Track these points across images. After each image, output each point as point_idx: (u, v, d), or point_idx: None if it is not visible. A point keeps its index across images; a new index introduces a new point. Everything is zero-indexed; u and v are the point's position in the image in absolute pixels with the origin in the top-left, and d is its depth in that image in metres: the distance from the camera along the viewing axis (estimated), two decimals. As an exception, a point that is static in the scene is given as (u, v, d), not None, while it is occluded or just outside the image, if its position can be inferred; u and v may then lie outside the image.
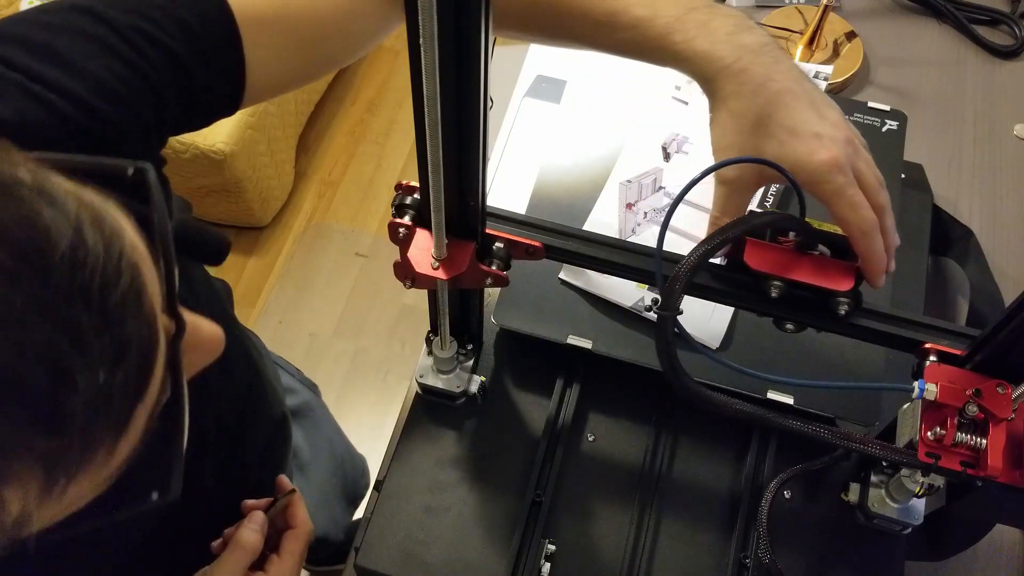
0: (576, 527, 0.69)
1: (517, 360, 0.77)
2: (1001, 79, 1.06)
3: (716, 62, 0.57)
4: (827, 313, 0.56)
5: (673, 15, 0.58)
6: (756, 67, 0.56)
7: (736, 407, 0.55)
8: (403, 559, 0.67)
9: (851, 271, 0.56)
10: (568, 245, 0.59)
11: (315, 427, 1.03)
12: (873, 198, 0.56)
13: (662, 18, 0.58)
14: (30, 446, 0.29)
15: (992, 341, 0.52)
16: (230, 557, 0.63)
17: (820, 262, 0.56)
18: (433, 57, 0.41)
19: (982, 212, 0.95)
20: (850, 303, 0.55)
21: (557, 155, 0.83)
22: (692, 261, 0.53)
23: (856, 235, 0.55)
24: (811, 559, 0.68)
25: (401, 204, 0.57)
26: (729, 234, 0.54)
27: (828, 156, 0.54)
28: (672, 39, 0.58)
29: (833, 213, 0.56)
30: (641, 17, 0.58)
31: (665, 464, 0.72)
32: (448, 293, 0.60)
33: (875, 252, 0.55)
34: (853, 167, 0.56)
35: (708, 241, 0.54)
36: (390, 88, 2.25)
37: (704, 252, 0.53)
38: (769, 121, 0.56)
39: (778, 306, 0.57)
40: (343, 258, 2.02)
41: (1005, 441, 0.52)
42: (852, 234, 0.55)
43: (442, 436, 0.73)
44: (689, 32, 0.58)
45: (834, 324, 0.57)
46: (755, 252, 0.56)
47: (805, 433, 0.55)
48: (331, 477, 0.99)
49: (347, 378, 1.86)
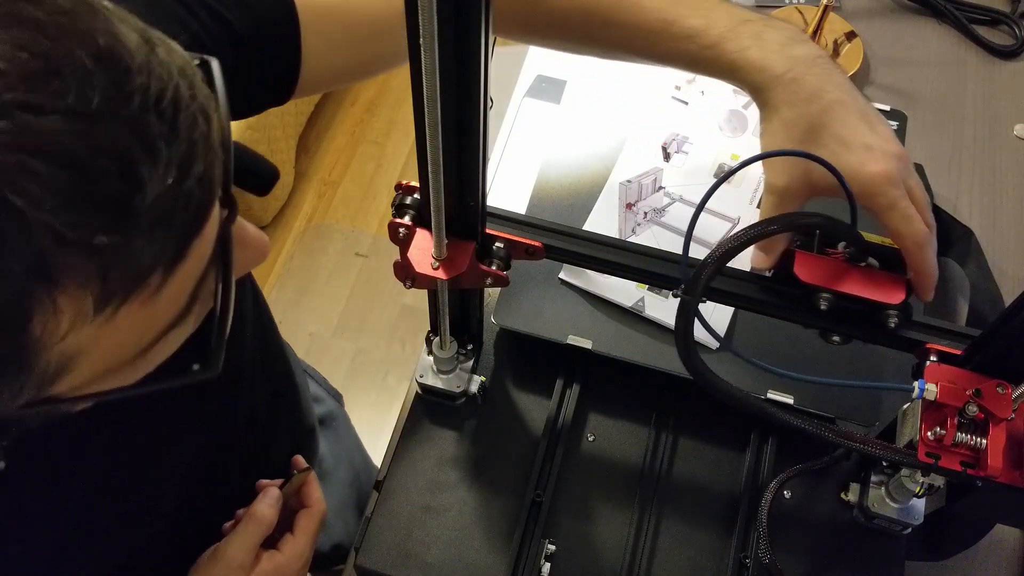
0: (576, 527, 0.69)
1: (517, 360, 0.77)
2: (1001, 79, 1.06)
3: (768, 71, 0.57)
4: (877, 325, 0.55)
5: (727, 26, 0.59)
6: (809, 78, 0.56)
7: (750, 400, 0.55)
8: (403, 559, 0.67)
9: (902, 283, 0.55)
10: (568, 245, 0.59)
11: (337, 437, 1.03)
12: (923, 215, 0.56)
13: (716, 29, 0.59)
14: (91, 242, 0.30)
15: (992, 341, 0.52)
16: (244, 530, 0.63)
17: (870, 274, 0.55)
18: (433, 57, 0.41)
19: (982, 212, 0.95)
20: (900, 316, 0.54)
21: (557, 155, 0.83)
22: (727, 245, 0.51)
23: (910, 247, 0.55)
24: (811, 559, 0.68)
25: (401, 204, 0.57)
26: (770, 228, 0.52)
27: (881, 168, 0.54)
28: (725, 48, 0.58)
29: (886, 225, 0.55)
30: (695, 27, 0.59)
31: (665, 464, 0.72)
32: (448, 293, 0.60)
33: (928, 264, 0.55)
34: (904, 182, 0.55)
35: (745, 232, 0.51)
36: (390, 88, 2.25)
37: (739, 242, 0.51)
38: (821, 131, 0.56)
39: (827, 319, 0.56)
40: (343, 258, 2.02)
41: (1005, 441, 0.52)
42: (906, 246, 0.55)
43: (442, 436, 0.73)
44: (743, 42, 0.58)
45: (884, 337, 0.56)
46: (805, 264, 0.55)
47: (809, 431, 0.55)
48: (348, 488, 1.00)
49: (347, 378, 1.86)
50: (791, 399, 0.69)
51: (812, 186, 0.58)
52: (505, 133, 0.88)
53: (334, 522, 0.94)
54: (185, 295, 0.36)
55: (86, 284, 0.31)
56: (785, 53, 0.57)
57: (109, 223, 0.30)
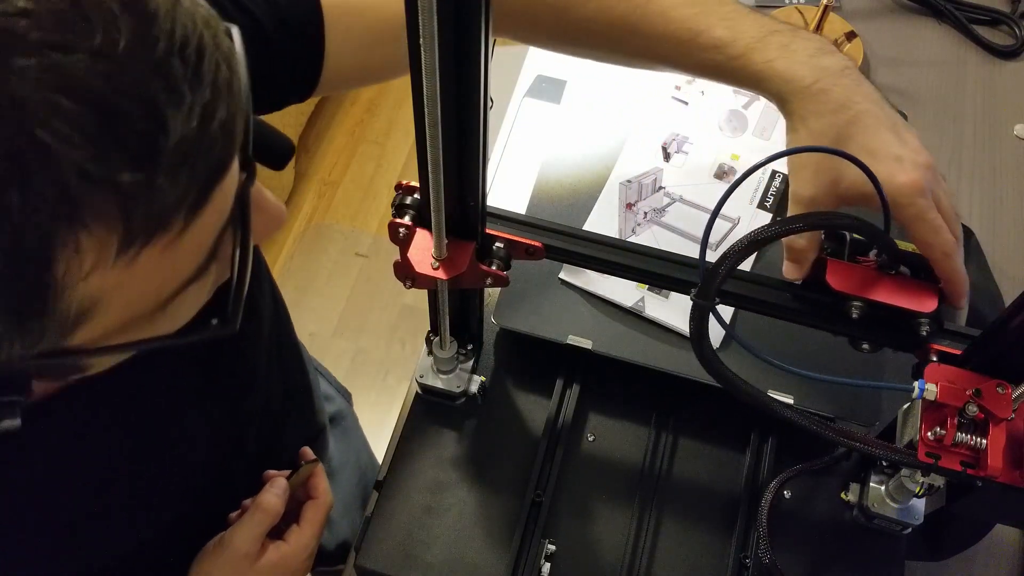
0: (576, 527, 0.69)
1: (517, 360, 0.77)
2: (1001, 79, 1.06)
3: (796, 82, 0.57)
4: (908, 334, 0.55)
5: (754, 36, 0.58)
6: (837, 89, 0.56)
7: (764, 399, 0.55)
8: (403, 559, 0.67)
9: (934, 292, 0.55)
10: (568, 245, 0.59)
11: (345, 436, 1.03)
12: (951, 225, 0.56)
13: (743, 39, 0.59)
14: (115, 179, 0.31)
15: (992, 341, 0.52)
16: (250, 519, 0.63)
17: (902, 283, 0.55)
18: (433, 57, 0.41)
19: (982, 212, 0.95)
20: (931, 324, 0.54)
21: (557, 155, 0.83)
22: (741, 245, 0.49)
23: (939, 257, 0.55)
24: (811, 559, 0.68)
25: (401, 204, 0.57)
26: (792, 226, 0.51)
27: (910, 179, 0.54)
28: (752, 58, 0.58)
29: (914, 236, 0.55)
30: (723, 38, 0.59)
31: (665, 464, 0.72)
32: (448, 293, 0.60)
33: (958, 273, 0.55)
34: (932, 192, 0.55)
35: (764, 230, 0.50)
36: (390, 88, 2.25)
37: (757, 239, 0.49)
38: (849, 142, 0.56)
39: (859, 327, 0.56)
40: (343, 258, 2.02)
41: (1005, 441, 0.52)
42: (935, 257, 0.55)
43: (442, 436, 0.73)
44: (770, 53, 0.58)
45: (915, 345, 0.56)
46: (838, 272, 0.55)
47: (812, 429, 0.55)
48: (354, 487, 1.00)
49: (347, 378, 1.84)
50: (791, 399, 0.69)
51: (840, 197, 0.58)
52: (505, 133, 0.88)
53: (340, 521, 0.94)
54: (205, 248, 0.37)
55: (109, 223, 0.31)
56: (813, 64, 0.57)
57: (133, 161, 0.31)
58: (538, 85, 0.90)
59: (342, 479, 0.99)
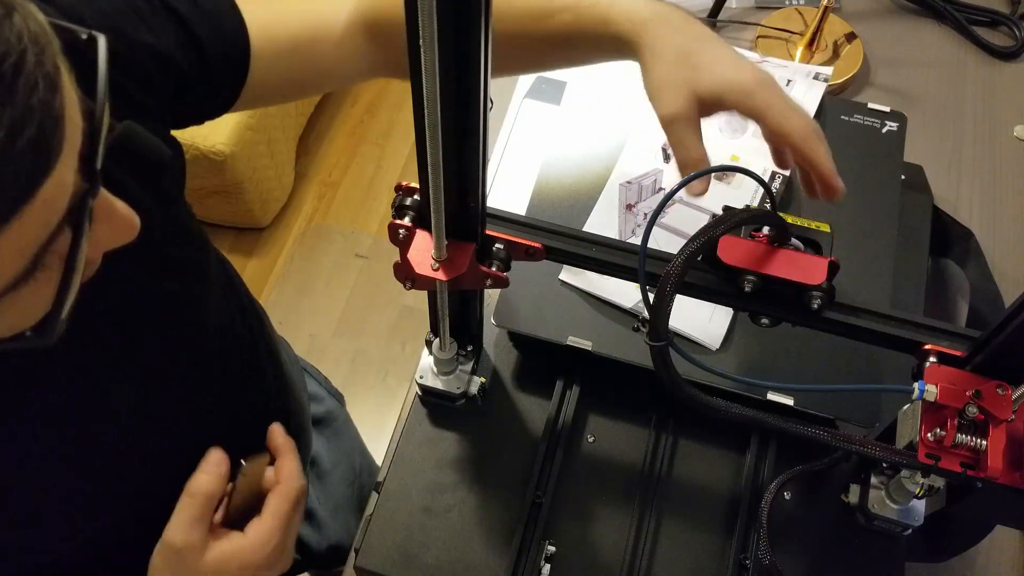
0: (576, 528, 0.69)
1: (517, 361, 0.77)
2: (1001, 80, 1.06)
3: (636, 15, 0.61)
4: (800, 308, 0.56)
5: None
6: (674, 18, 0.61)
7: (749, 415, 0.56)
8: (403, 560, 0.67)
9: (823, 265, 0.55)
10: (568, 246, 0.59)
11: (337, 436, 1.03)
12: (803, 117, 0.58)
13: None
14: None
15: (992, 342, 0.52)
16: (179, 506, 0.57)
17: (793, 256, 0.56)
18: (433, 57, 0.41)
19: (982, 213, 0.95)
20: (823, 297, 0.55)
21: (557, 156, 0.83)
22: (676, 271, 0.53)
23: (797, 143, 0.57)
24: (811, 560, 0.68)
25: (401, 205, 0.57)
26: (709, 235, 0.53)
27: (755, 76, 0.58)
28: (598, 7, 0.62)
29: (770, 126, 0.58)
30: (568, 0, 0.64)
31: (665, 465, 0.72)
32: (448, 294, 0.60)
33: (821, 155, 0.58)
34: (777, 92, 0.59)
35: (683, 251, 0.53)
36: (390, 90, 2.25)
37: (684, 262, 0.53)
38: (692, 55, 0.60)
39: (753, 301, 0.57)
40: (343, 259, 2.03)
41: (1005, 442, 0.52)
42: (794, 143, 0.58)
43: (442, 437, 0.73)
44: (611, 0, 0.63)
45: (807, 319, 0.57)
46: (729, 247, 0.56)
47: (807, 436, 0.55)
48: (347, 488, 0.99)
49: (347, 379, 1.85)
50: (791, 400, 0.69)
51: (702, 102, 0.60)
52: (505, 134, 0.88)
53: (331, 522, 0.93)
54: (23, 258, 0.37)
55: None
56: (650, 7, 0.62)
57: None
58: (538, 86, 0.90)
59: (333, 480, 0.98)
